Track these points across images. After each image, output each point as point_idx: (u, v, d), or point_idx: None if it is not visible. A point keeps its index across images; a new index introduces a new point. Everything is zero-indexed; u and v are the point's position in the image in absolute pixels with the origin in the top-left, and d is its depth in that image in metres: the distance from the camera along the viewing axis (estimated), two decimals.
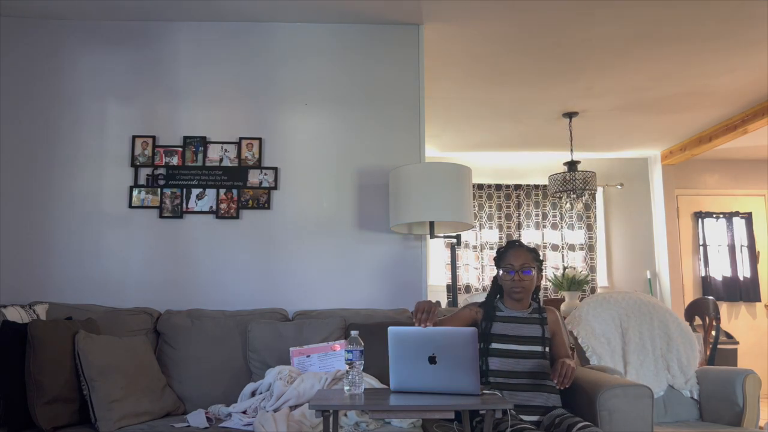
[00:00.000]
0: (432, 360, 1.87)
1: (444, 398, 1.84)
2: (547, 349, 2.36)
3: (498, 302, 2.49)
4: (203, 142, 3.39)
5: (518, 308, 2.45)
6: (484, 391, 1.87)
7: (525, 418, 2.24)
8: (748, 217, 6.65)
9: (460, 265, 6.31)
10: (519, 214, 6.57)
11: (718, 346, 3.90)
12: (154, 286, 3.25)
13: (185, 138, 3.39)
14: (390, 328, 1.94)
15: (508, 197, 6.60)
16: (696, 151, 5.98)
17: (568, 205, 6.55)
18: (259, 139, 3.41)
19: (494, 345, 2.35)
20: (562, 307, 5.19)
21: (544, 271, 2.81)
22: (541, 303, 2.52)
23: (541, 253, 6.52)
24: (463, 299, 6.02)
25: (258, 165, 3.39)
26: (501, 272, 2.45)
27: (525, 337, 2.37)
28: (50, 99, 3.40)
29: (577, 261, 6.50)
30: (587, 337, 3.00)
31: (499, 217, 6.57)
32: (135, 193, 3.33)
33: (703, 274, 6.58)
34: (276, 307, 3.25)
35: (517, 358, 2.33)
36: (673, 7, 3.37)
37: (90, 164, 3.35)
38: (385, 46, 3.56)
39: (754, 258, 6.57)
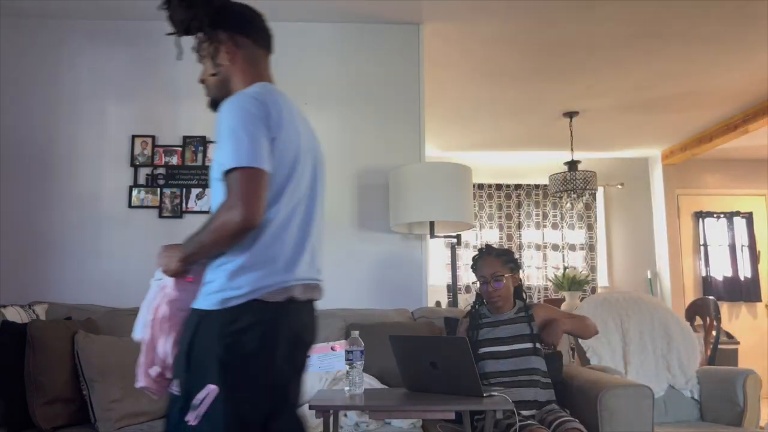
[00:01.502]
0: (434, 365, 1.89)
1: (445, 398, 1.84)
2: (537, 345, 2.37)
3: (483, 308, 2.52)
4: (203, 142, 3.39)
5: (502, 311, 2.47)
6: (492, 393, 1.87)
7: (522, 413, 2.25)
8: (748, 217, 6.64)
9: (460, 265, 6.30)
10: (519, 214, 6.57)
11: (719, 346, 3.89)
12: None
13: (185, 138, 3.39)
14: (391, 337, 2.00)
15: (509, 197, 6.59)
16: (696, 151, 5.97)
17: (568, 204, 6.54)
18: None
19: (483, 349, 2.37)
20: (563, 307, 5.18)
21: (522, 270, 2.74)
22: (527, 301, 2.52)
23: (542, 252, 6.52)
24: (463, 299, 6.02)
25: None
26: (477, 283, 2.48)
27: (512, 336, 2.39)
28: (50, 99, 3.39)
29: (577, 261, 6.50)
30: None
31: (500, 217, 6.56)
32: (135, 192, 3.32)
33: (703, 274, 6.57)
34: None
35: (506, 358, 2.35)
36: (673, 6, 3.37)
37: (89, 164, 3.34)
38: (385, 45, 3.56)
39: (754, 258, 6.57)
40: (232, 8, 1.57)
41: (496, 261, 2.44)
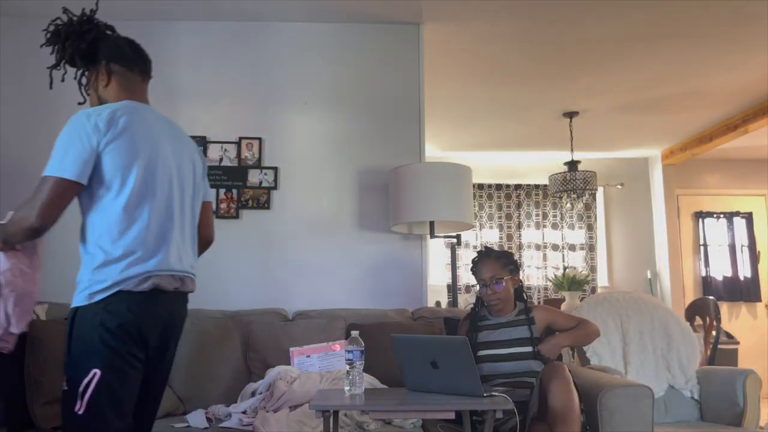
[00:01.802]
0: (434, 365, 1.89)
1: (445, 398, 1.84)
2: (536, 348, 2.37)
3: (484, 311, 2.51)
4: (203, 142, 3.39)
5: (502, 313, 2.46)
6: (493, 393, 1.87)
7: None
8: (748, 217, 6.64)
9: (460, 265, 6.30)
10: (519, 214, 6.57)
11: (719, 347, 3.89)
12: None
13: None
14: (393, 336, 2.01)
15: (509, 197, 6.59)
16: (696, 151, 5.97)
17: (568, 205, 6.55)
18: (259, 138, 3.41)
19: (481, 352, 2.37)
20: (563, 307, 5.18)
21: (522, 271, 2.71)
22: (528, 302, 2.52)
23: (542, 252, 6.52)
24: (463, 299, 6.02)
25: (258, 165, 3.39)
26: (478, 286, 2.48)
27: (511, 339, 2.38)
28: (50, 99, 3.39)
29: (577, 261, 6.50)
30: None
31: (500, 217, 6.57)
32: None
33: (703, 274, 6.57)
34: (276, 307, 3.24)
35: (504, 361, 2.34)
36: (673, 6, 3.37)
37: None
38: (385, 46, 3.56)
39: (754, 258, 6.57)
40: (107, 41, 1.79)
41: (496, 263, 2.44)
